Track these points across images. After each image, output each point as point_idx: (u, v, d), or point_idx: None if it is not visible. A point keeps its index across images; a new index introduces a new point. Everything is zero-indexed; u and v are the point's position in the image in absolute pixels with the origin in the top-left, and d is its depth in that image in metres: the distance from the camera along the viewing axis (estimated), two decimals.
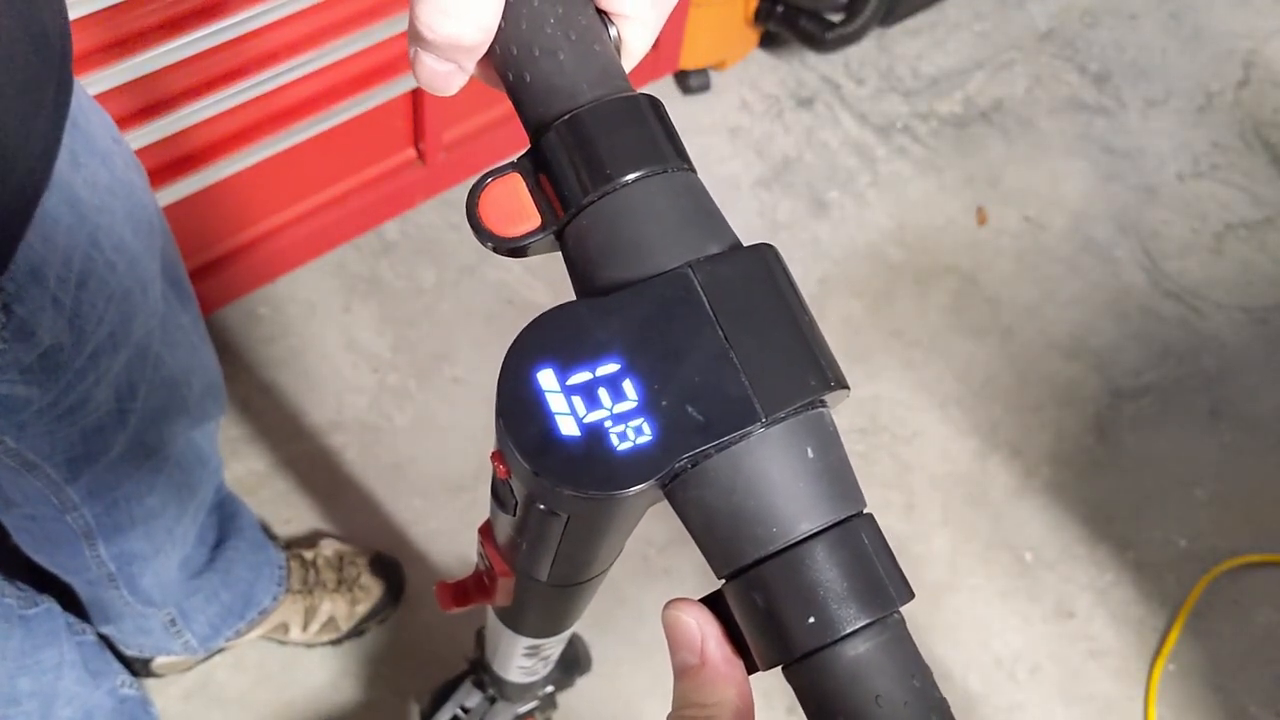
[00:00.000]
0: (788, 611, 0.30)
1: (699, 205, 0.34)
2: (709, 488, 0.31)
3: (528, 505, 0.36)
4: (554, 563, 0.43)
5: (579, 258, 0.34)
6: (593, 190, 0.33)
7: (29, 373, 0.64)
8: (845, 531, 0.31)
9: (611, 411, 0.31)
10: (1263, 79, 1.90)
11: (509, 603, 0.53)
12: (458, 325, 1.49)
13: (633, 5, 0.36)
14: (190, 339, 0.83)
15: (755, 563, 0.30)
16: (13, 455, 0.73)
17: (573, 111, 0.34)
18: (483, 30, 0.34)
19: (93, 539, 0.88)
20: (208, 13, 1.06)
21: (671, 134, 0.35)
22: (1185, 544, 1.45)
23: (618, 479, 0.30)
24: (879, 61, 1.84)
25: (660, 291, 0.32)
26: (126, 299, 0.69)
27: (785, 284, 0.33)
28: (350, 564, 1.27)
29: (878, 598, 0.30)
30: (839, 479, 0.32)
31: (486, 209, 0.35)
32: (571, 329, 0.31)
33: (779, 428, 0.31)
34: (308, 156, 1.32)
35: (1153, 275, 1.67)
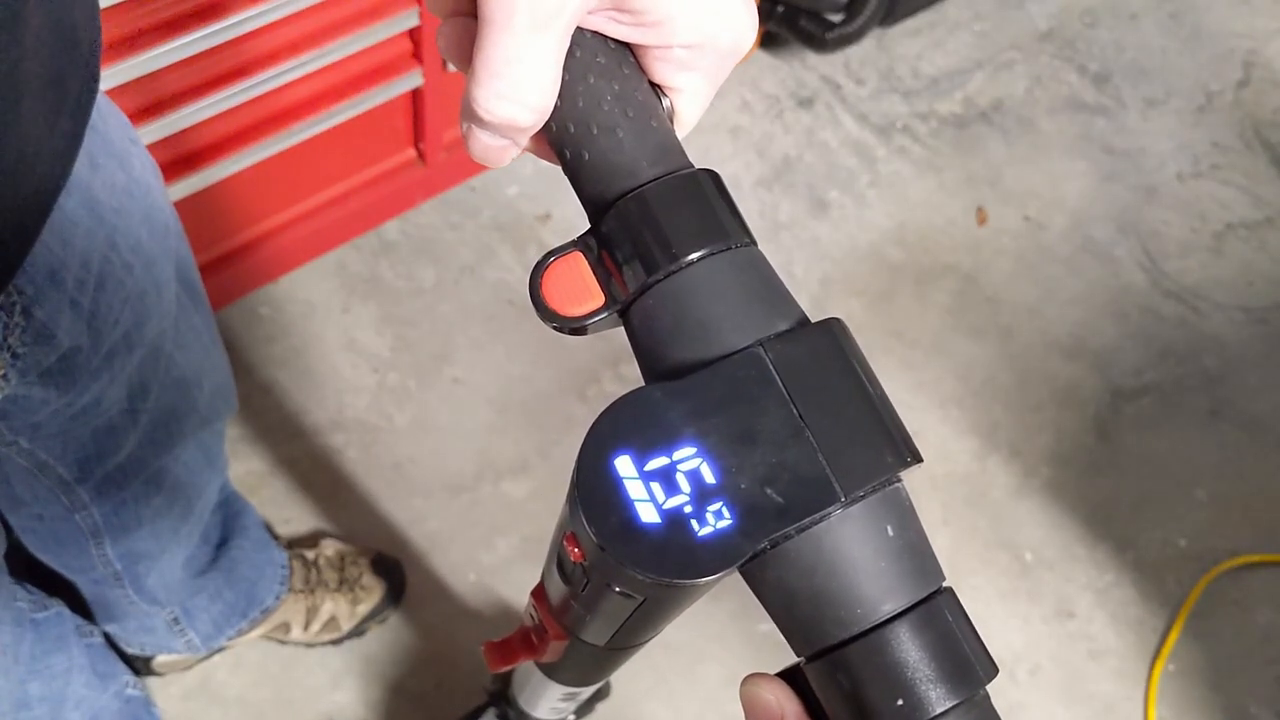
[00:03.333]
0: (875, 694, 0.29)
1: (765, 281, 0.34)
2: (789, 569, 0.31)
3: (599, 586, 0.35)
4: (616, 633, 0.43)
5: (646, 338, 0.34)
6: (658, 270, 0.33)
7: (47, 375, 0.64)
8: (929, 610, 0.30)
9: (690, 497, 0.30)
10: (1263, 79, 1.90)
11: (557, 660, 0.53)
12: (458, 325, 1.49)
13: (687, 79, 0.37)
14: (202, 340, 0.83)
15: (839, 644, 0.30)
16: (26, 456, 0.73)
17: (634, 190, 0.34)
18: (538, 113, 0.34)
19: (100, 538, 0.89)
20: (208, 13, 1.06)
21: (733, 209, 0.35)
22: (1185, 544, 1.45)
23: (700, 566, 0.30)
24: (879, 61, 1.84)
25: (732, 373, 0.32)
26: (141, 300, 0.69)
27: (856, 358, 0.33)
28: (352, 564, 1.27)
29: (965, 677, 0.30)
30: (919, 555, 0.31)
31: (550, 288, 0.35)
32: (647, 415, 0.31)
33: (858, 507, 0.31)
34: (308, 156, 1.32)
35: (1153, 275, 1.67)
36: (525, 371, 1.46)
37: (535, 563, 1.34)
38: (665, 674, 1.29)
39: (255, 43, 1.14)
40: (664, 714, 1.28)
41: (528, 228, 1.57)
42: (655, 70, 0.37)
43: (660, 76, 0.37)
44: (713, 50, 0.36)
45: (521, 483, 1.39)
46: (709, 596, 0.34)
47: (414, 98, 1.37)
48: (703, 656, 1.30)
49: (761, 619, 1.42)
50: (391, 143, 1.45)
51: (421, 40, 1.27)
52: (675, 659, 1.30)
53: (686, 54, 0.36)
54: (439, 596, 1.32)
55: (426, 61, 1.29)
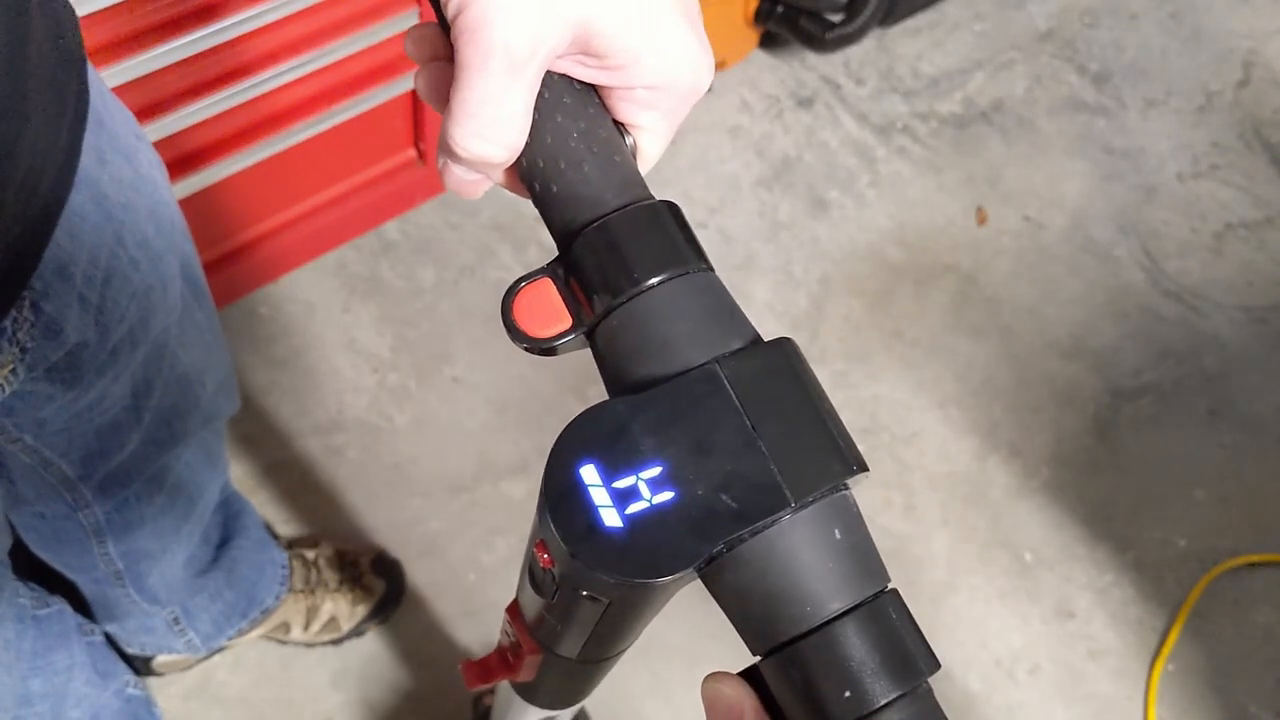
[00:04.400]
0: (824, 687, 0.31)
1: (721, 304, 0.36)
2: (743, 570, 0.32)
3: (569, 592, 0.37)
4: (586, 643, 0.44)
5: (610, 356, 0.36)
6: (621, 293, 0.35)
7: (54, 370, 0.64)
8: (874, 608, 0.32)
9: (651, 502, 0.32)
10: (1263, 79, 1.90)
11: (532, 678, 0.55)
12: (458, 325, 1.49)
13: (649, 118, 0.39)
14: (205, 337, 0.84)
15: (790, 640, 0.32)
16: (30, 453, 0.73)
17: (599, 220, 0.36)
18: (510, 150, 0.36)
19: (102, 536, 0.89)
20: (207, 13, 1.06)
21: (690, 237, 0.37)
22: (1185, 544, 1.45)
23: (661, 567, 0.32)
24: (879, 61, 1.84)
25: (690, 388, 0.34)
26: (147, 296, 0.69)
27: (805, 374, 0.35)
28: (352, 564, 1.27)
29: (908, 670, 0.32)
30: (865, 557, 0.33)
31: (520, 312, 0.37)
32: (610, 426, 0.33)
33: (807, 511, 0.32)
34: (308, 156, 1.32)
35: (1152, 275, 1.67)
36: (525, 371, 1.46)
37: None
38: (662, 674, 1.29)
39: (255, 43, 1.14)
40: (662, 713, 1.28)
41: (527, 228, 1.57)
42: (619, 110, 0.39)
43: (624, 115, 0.39)
44: (672, 91, 0.38)
45: (521, 483, 1.39)
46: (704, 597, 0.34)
47: (414, 98, 1.37)
48: (700, 657, 1.30)
49: None
50: (391, 143, 1.45)
51: None
52: (673, 659, 1.30)
53: (648, 94, 0.38)
54: (439, 596, 1.32)
55: None
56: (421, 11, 1.23)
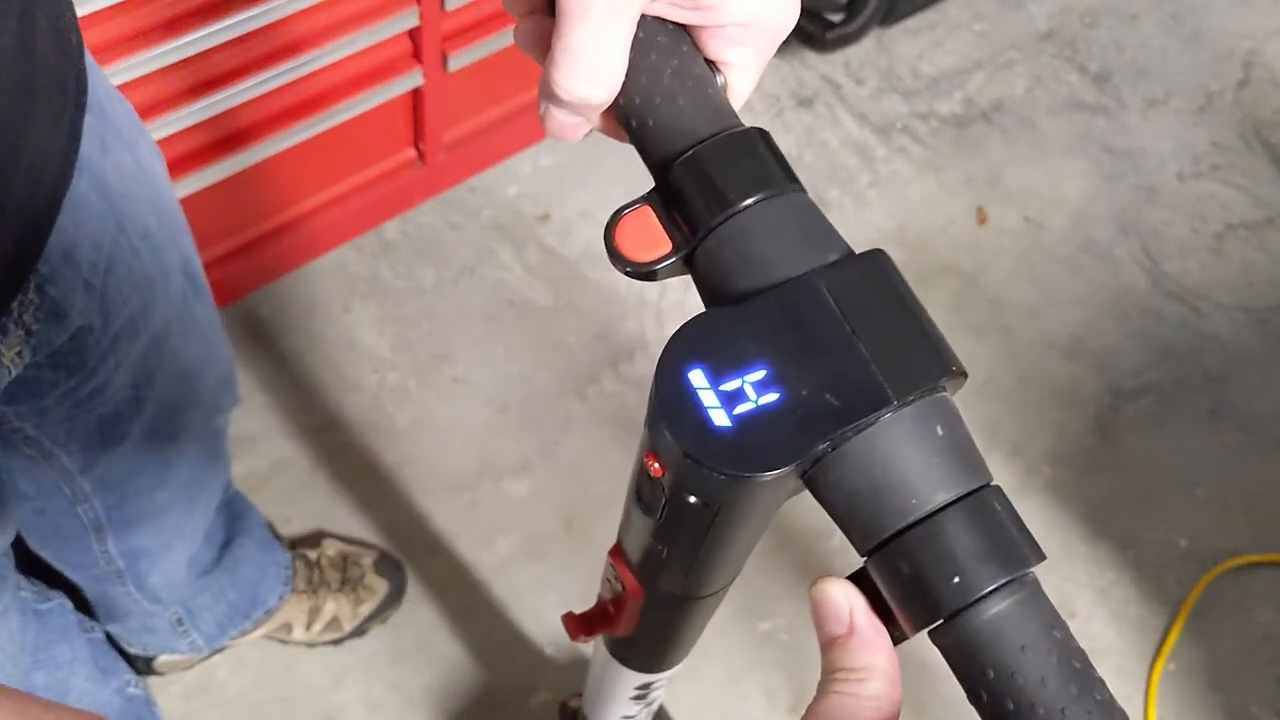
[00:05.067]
0: (933, 575, 0.32)
1: (814, 220, 0.38)
2: (849, 468, 0.34)
3: (678, 502, 0.38)
4: (692, 567, 0.45)
5: (710, 276, 0.38)
6: (719, 215, 0.37)
7: (57, 356, 0.65)
8: (978, 499, 0.33)
9: (758, 403, 0.34)
10: (1263, 79, 1.90)
11: (632, 629, 0.56)
12: (458, 325, 1.49)
13: (738, 54, 0.41)
14: (205, 331, 0.84)
15: (898, 533, 0.33)
16: (31, 443, 0.73)
17: (694, 147, 0.38)
18: (610, 90, 0.38)
19: (102, 533, 0.89)
20: (207, 13, 1.06)
21: (781, 160, 0.39)
22: (1185, 544, 1.45)
23: (770, 461, 0.33)
24: (879, 61, 1.84)
25: (790, 296, 0.35)
26: (149, 286, 0.70)
27: (900, 283, 0.36)
28: (354, 564, 1.27)
29: (1015, 557, 0.33)
30: (967, 453, 0.34)
31: (622, 238, 0.39)
32: (715, 332, 0.35)
33: (909, 409, 0.34)
34: (308, 156, 1.32)
35: (1153, 275, 1.67)
36: (525, 371, 1.46)
37: (536, 561, 1.34)
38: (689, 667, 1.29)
39: (255, 42, 1.14)
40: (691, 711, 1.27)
41: (527, 228, 1.57)
42: (710, 48, 0.41)
43: (714, 53, 0.41)
44: (761, 28, 0.40)
45: (521, 482, 1.39)
46: None
47: (414, 98, 1.37)
48: (704, 655, 1.30)
49: (762, 618, 1.43)
50: (391, 143, 1.45)
51: (421, 40, 1.27)
52: None
53: (738, 32, 0.40)
54: (440, 596, 1.32)
55: (426, 61, 1.29)
56: (421, 10, 1.23)
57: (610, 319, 1.51)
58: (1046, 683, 0.31)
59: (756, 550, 0.48)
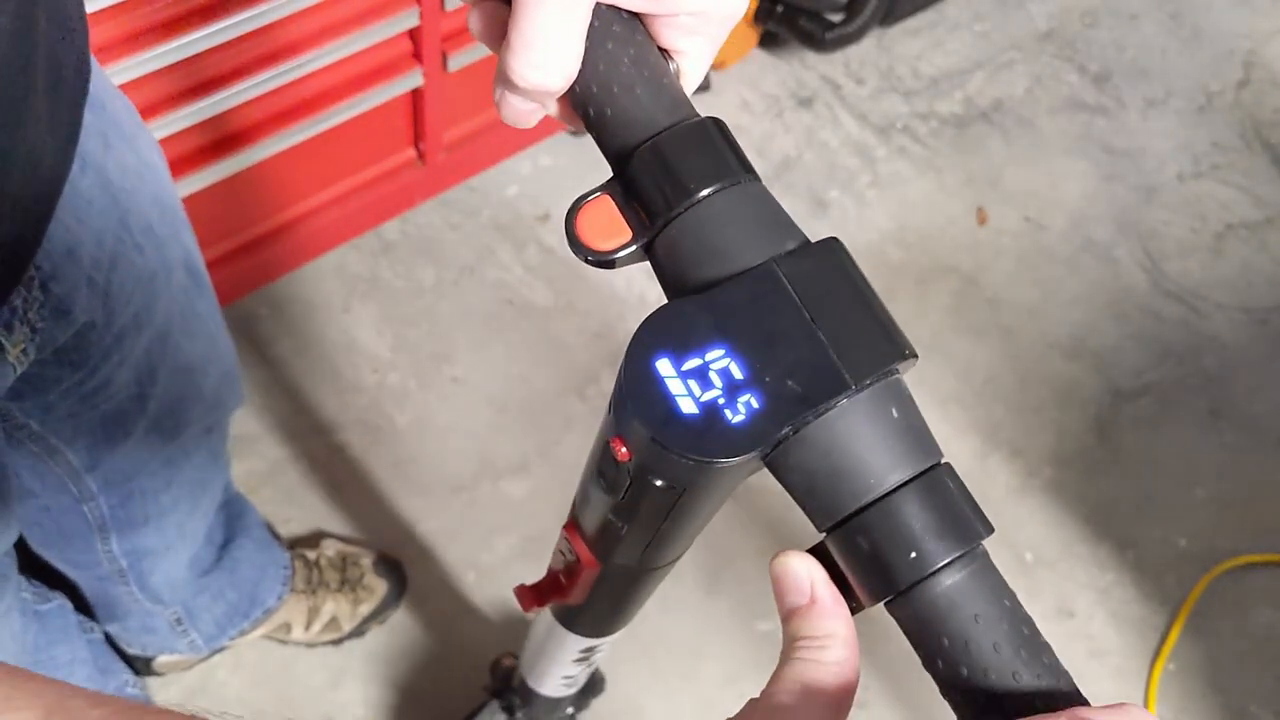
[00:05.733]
0: (890, 551, 0.34)
1: (770, 210, 0.39)
2: (809, 450, 0.35)
3: (642, 485, 0.39)
4: (650, 544, 0.47)
5: (669, 265, 0.38)
6: (678, 205, 0.38)
7: (62, 352, 0.65)
8: (931, 479, 0.35)
9: (723, 390, 0.35)
10: (1263, 79, 1.90)
11: (583, 599, 0.57)
12: (458, 325, 1.49)
13: (690, 43, 0.41)
14: (208, 328, 0.84)
15: (856, 512, 0.35)
16: (36, 440, 0.73)
17: (652, 138, 0.39)
18: (566, 77, 0.38)
19: (106, 532, 0.89)
20: (206, 13, 1.06)
21: (737, 150, 0.39)
22: (1185, 544, 1.45)
23: (736, 446, 0.35)
24: (879, 61, 1.84)
25: (750, 285, 0.36)
26: (152, 282, 0.70)
27: (854, 270, 0.38)
28: (354, 564, 1.27)
29: (967, 532, 0.35)
30: (920, 434, 0.36)
31: (583, 226, 0.40)
32: (679, 322, 0.36)
33: (865, 393, 0.35)
34: (307, 156, 1.32)
35: (1153, 275, 1.67)
36: (525, 371, 1.46)
37: (536, 562, 1.34)
38: (663, 671, 1.29)
39: (255, 42, 1.14)
40: (661, 710, 1.27)
41: (527, 228, 1.57)
42: (663, 36, 0.41)
43: (667, 41, 0.41)
44: (712, 16, 0.41)
45: (521, 482, 1.39)
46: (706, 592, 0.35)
47: (414, 98, 1.37)
48: (701, 654, 1.30)
49: (759, 617, 1.43)
50: (391, 143, 1.45)
51: (421, 40, 1.27)
52: (673, 656, 1.30)
53: (690, 20, 0.40)
54: (439, 596, 1.32)
55: (426, 61, 1.29)
56: (421, 10, 1.23)
57: (610, 319, 1.51)
58: (999, 649, 0.33)
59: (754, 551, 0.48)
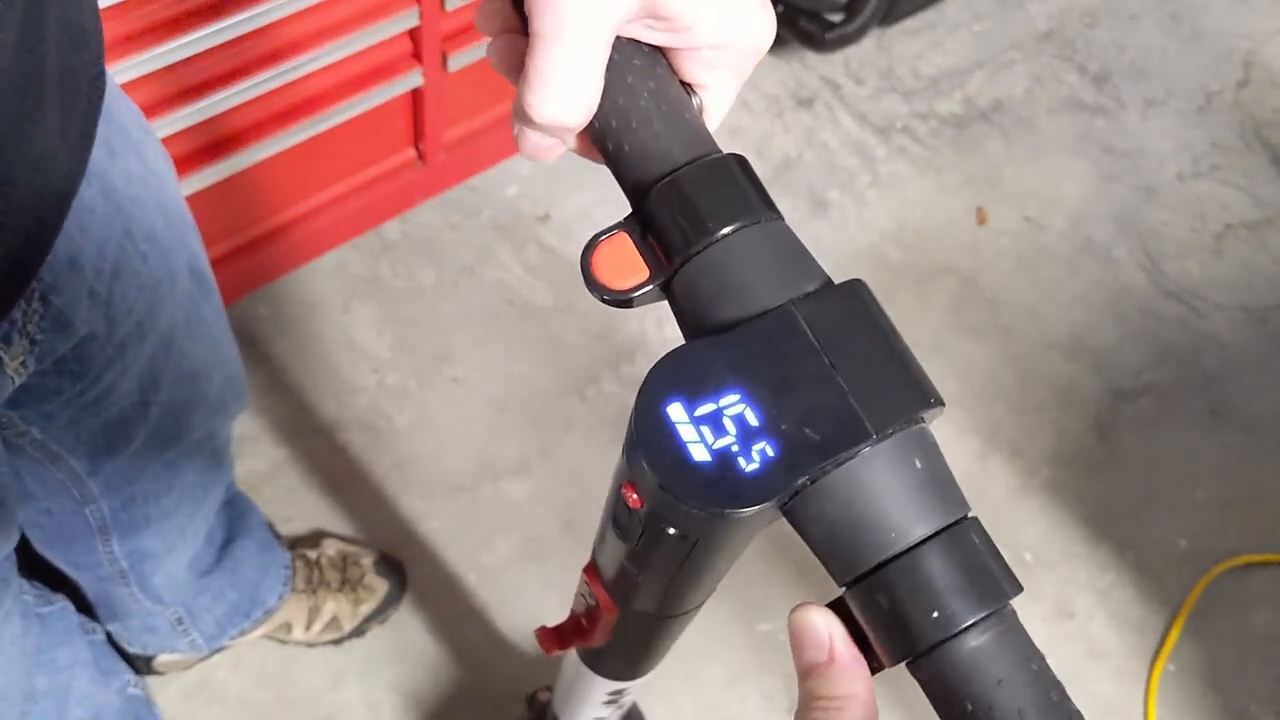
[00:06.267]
0: (912, 609, 0.32)
1: (792, 249, 0.38)
2: (828, 501, 0.33)
3: (655, 532, 0.38)
4: (666, 592, 0.45)
5: (687, 304, 0.37)
6: (696, 243, 0.37)
7: (62, 363, 0.65)
8: (957, 533, 0.33)
9: (737, 438, 0.33)
10: (1263, 79, 1.90)
11: (604, 643, 0.56)
12: (458, 325, 1.49)
13: (714, 76, 0.40)
14: (213, 332, 0.84)
15: (877, 567, 0.33)
16: (38, 447, 0.73)
17: (671, 174, 0.38)
18: (585, 112, 0.37)
19: (107, 534, 0.89)
20: (206, 13, 1.06)
21: (759, 187, 0.38)
22: (1185, 544, 1.45)
23: (749, 496, 0.33)
24: (879, 61, 1.84)
25: (768, 328, 0.35)
26: (155, 290, 0.70)
27: (878, 313, 0.36)
28: (354, 564, 1.27)
29: (993, 591, 0.33)
30: (945, 486, 0.34)
31: (599, 265, 0.38)
32: (693, 366, 0.34)
33: (888, 443, 0.33)
34: (307, 156, 1.32)
35: (1153, 275, 1.67)
36: (525, 371, 1.46)
37: (535, 562, 1.34)
38: (665, 673, 1.29)
39: (254, 43, 1.14)
40: (662, 712, 1.27)
41: (527, 228, 1.57)
42: (685, 70, 0.40)
43: (690, 75, 0.40)
44: (735, 49, 0.40)
45: (521, 483, 1.39)
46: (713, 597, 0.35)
47: (414, 98, 1.37)
48: (702, 656, 1.30)
49: (760, 619, 1.43)
50: (391, 143, 1.45)
51: (421, 40, 1.27)
52: (675, 659, 1.29)
53: (712, 54, 0.39)
54: (439, 596, 1.32)
55: (426, 61, 1.29)
56: (421, 10, 1.23)
57: (610, 319, 1.51)
58: (1023, 716, 0.32)
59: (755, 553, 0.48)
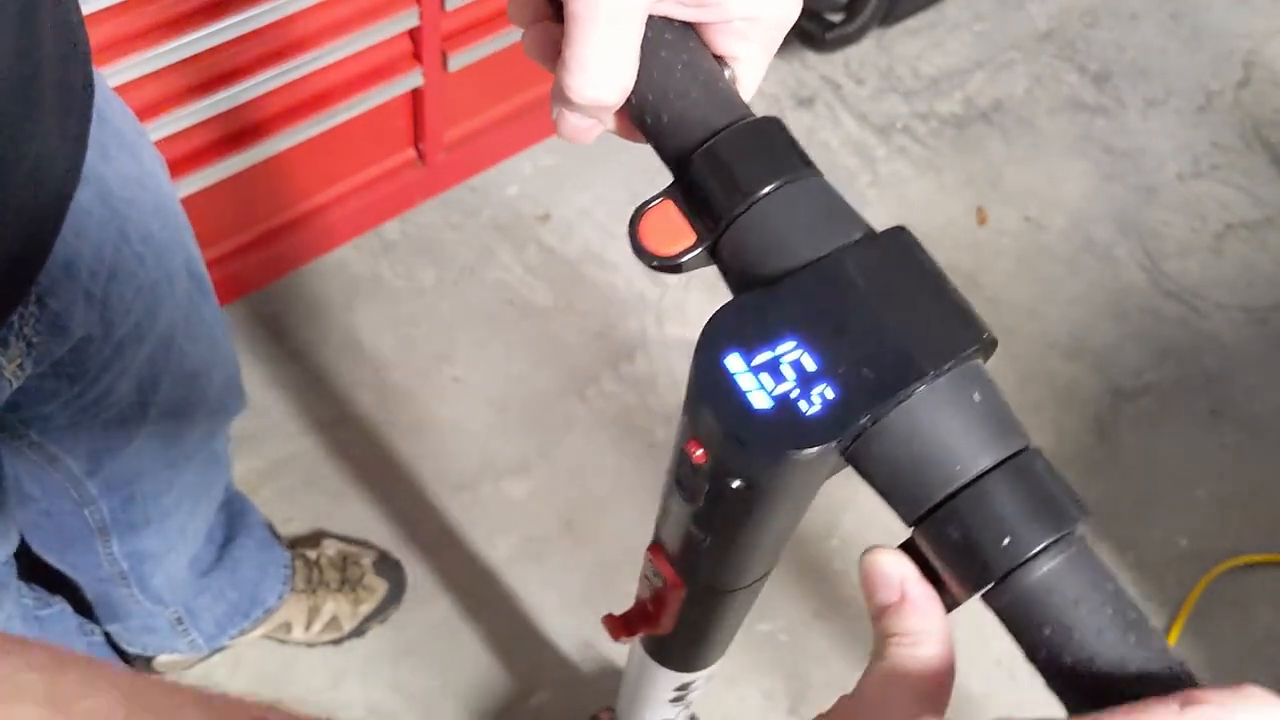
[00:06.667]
0: (984, 538, 0.33)
1: (834, 202, 0.39)
2: (891, 440, 0.34)
3: (720, 487, 0.38)
4: (732, 557, 0.46)
5: (735, 263, 0.38)
6: (740, 204, 0.38)
7: (59, 365, 0.65)
8: (1021, 462, 0.34)
9: (796, 382, 0.34)
10: (1263, 79, 1.90)
11: (671, 627, 0.57)
12: (458, 325, 1.49)
13: (745, 48, 0.42)
14: (212, 332, 0.84)
15: (944, 500, 0.34)
16: (36, 449, 0.73)
17: (711, 139, 0.39)
18: (622, 91, 0.39)
19: (107, 535, 0.89)
20: (206, 13, 1.06)
21: (796, 146, 0.39)
22: (1185, 544, 1.45)
23: (812, 438, 0.34)
24: (879, 61, 1.84)
25: (818, 276, 0.36)
26: (153, 291, 0.70)
27: (925, 256, 0.37)
28: (354, 564, 1.27)
29: (1062, 516, 0.34)
30: (1006, 418, 0.35)
31: (646, 233, 0.39)
32: (746, 317, 0.35)
33: (944, 379, 0.35)
34: (308, 156, 1.32)
35: (1153, 275, 1.67)
36: (525, 371, 1.46)
37: (536, 562, 1.34)
38: None
39: (254, 43, 1.14)
40: None
41: (527, 228, 1.57)
42: (716, 43, 0.41)
43: (721, 48, 0.42)
44: (765, 22, 0.41)
45: (521, 483, 1.39)
46: None
47: (414, 98, 1.37)
48: None
49: (760, 619, 1.43)
50: (392, 143, 1.45)
51: (421, 40, 1.27)
52: None
53: (743, 25, 0.41)
54: (439, 596, 1.32)
55: (426, 61, 1.29)
56: (421, 10, 1.23)
57: (610, 319, 1.51)
58: (1103, 634, 0.32)
59: None
